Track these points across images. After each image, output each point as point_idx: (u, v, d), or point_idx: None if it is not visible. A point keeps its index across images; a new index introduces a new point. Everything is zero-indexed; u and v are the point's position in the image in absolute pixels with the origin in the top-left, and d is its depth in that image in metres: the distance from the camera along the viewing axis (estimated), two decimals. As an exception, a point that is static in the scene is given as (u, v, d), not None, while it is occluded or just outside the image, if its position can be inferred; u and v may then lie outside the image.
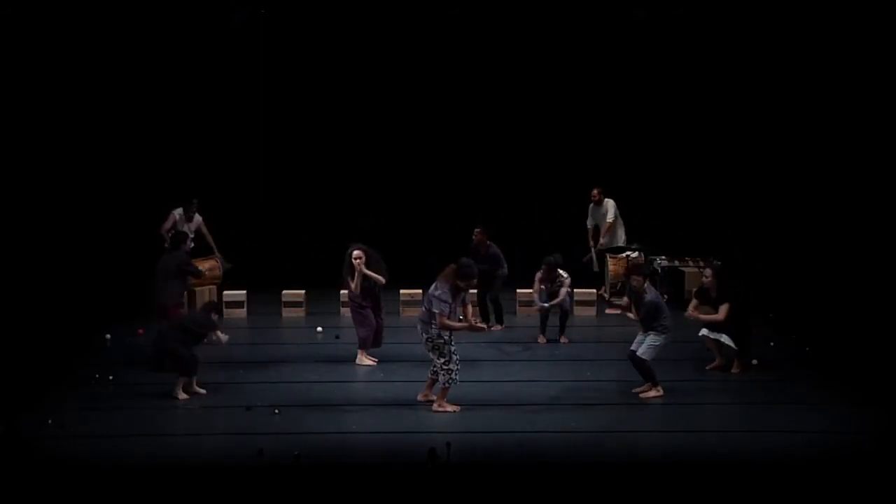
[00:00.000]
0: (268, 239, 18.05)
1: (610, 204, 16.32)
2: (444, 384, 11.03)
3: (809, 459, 9.73)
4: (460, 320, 11.09)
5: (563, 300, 13.99)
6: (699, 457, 9.92)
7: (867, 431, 10.46)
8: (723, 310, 12.32)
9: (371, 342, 12.99)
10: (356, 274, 12.70)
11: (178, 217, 15.23)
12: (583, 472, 9.51)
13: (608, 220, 16.29)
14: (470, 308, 11.32)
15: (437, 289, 10.89)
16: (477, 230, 14.52)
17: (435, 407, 11.07)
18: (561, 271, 14.00)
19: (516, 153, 18.33)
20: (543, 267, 13.95)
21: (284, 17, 17.63)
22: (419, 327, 11.05)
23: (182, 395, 11.48)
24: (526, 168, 18.23)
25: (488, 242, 14.45)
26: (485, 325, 11.26)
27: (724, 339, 12.44)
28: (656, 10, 17.48)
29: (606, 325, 15.30)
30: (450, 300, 10.87)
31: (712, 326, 12.47)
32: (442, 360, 10.95)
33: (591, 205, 16.49)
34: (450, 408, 11.06)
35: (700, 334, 12.61)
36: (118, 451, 9.92)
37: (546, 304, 13.95)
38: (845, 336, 14.05)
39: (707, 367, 12.63)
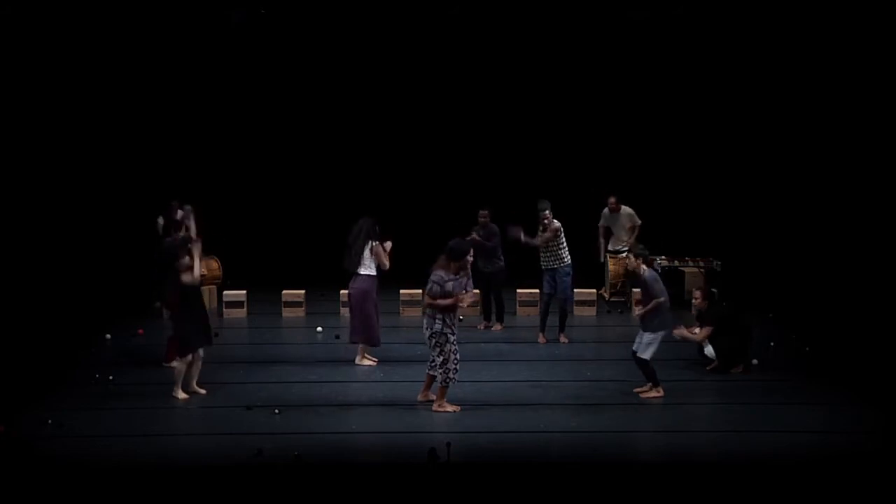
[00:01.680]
0: (268, 239, 18.05)
1: (630, 212, 16.21)
2: (442, 382, 11.02)
3: (809, 459, 9.73)
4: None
5: (562, 282, 13.86)
6: (699, 457, 9.93)
7: (867, 431, 10.46)
8: (703, 332, 12.48)
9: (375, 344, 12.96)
10: (384, 245, 12.63)
11: (162, 224, 15.18)
12: (583, 472, 9.51)
13: (638, 223, 16.19)
14: (467, 295, 11.11)
15: (431, 275, 10.89)
16: (484, 212, 14.38)
17: (435, 407, 11.07)
18: (554, 220, 13.82)
19: (517, 155, 18.35)
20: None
21: (284, 17, 17.64)
22: (425, 322, 11.04)
23: (181, 395, 11.48)
24: (527, 170, 18.24)
25: (491, 224, 14.38)
26: (466, 299, 11.08)
27: (708, 350, 12.56)
28: (656, 10, 17.48)
29: (606, 325, 15.30)
30: (442, 283, 10.81)
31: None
32: (441, 359, 10.94)
33: (606, 210, 16.38)
34: (450, 408, 11.05)
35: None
36: (118, 451, 9.92)
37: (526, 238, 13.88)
38: (845, 336, 14.05)
39: (706, 368, 12.64)
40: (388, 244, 12.74)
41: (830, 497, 8.99)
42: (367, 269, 12.66)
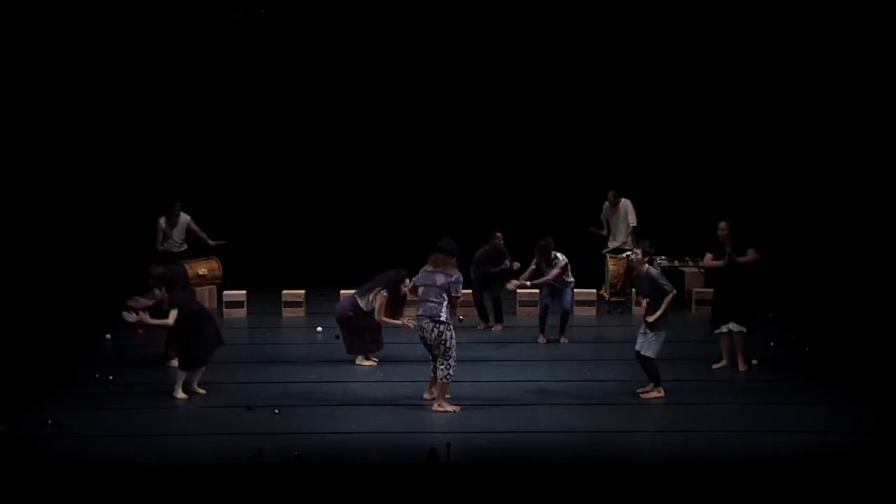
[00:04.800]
0: (268, 239, 18.04)
1: (629, 206, 16.27)
2: (443, 378, 11.02)
3: (809, 459, 9.73)
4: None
5: (563, 294, 13.92)
6: (699, 457, 9.92)
7: (867, 431, 10.46)
8: (750, 253, 12.27)
9: (377, 346, 12.99)
10: (397, 300, 12.63)
11: (163, 225, 15.16)
12: (583, 472, 9.51)
13: (632, 224, 16.25)
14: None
15: (453, 275, 10.98)
16: (498, 234, 14.47)
17: (435, 407, 11.07)
18: (557, 254, 13.89)
19: (517, 155, 18.33)
20: (537, 252, 13.85)
21: (284, 17, 17.63)
22: (426, 324, 10.96)
23: (181, 395, 11.48)
24: (526, 169, 18.22)
25: (503, 248, 14.50)
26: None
27: (733, 326, 12.39)
28: (656, 10, 17.47)
29: (606, 325, 15.30)
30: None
31: (720, 316, 12.42)
32: (445, 351, 10.94)
33: (606, 204, 16.44)
34: (450, 407, 11.06)
35: (715, 332, 12.57)
36: (118, 451, 9.92)
37: (531, 282, 13.97)
38: (845, 336, 14.05)
39: (713, 367, 12.62)
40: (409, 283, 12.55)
41: (830, 497, 8.99)
42: (362, 298, 12.72)
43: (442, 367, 11.00)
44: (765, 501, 8.97)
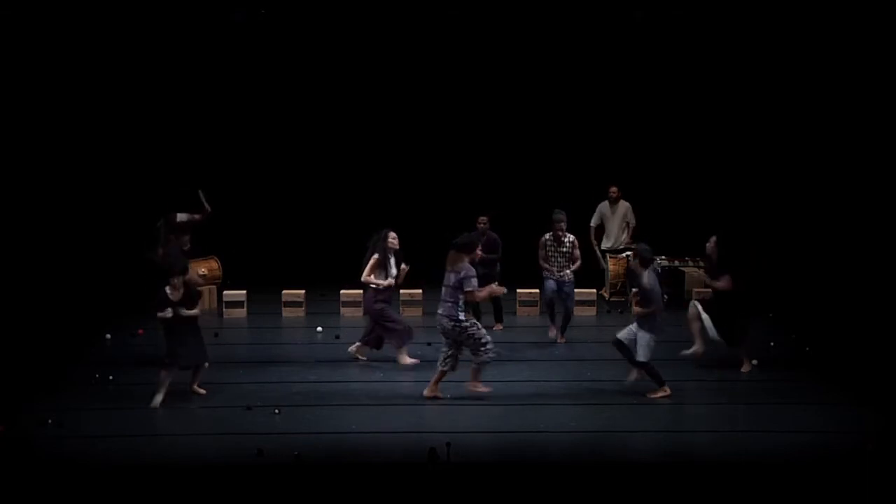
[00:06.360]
0: (268, 239, 18.04)
1: (627, 206, 16.30)
2: (480, 364, 11.31)
3: (809, 459, 9.73)
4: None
5: (568, 294, 13.91)
6: (699, 457, 9.93)
7: (867, 431, 10.46)
8: (725, 280, 12.41)
9: (409, 339, 12.93)
10: (395, 261, 12.65)
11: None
12: (583, 472, 9.51)
13: (633, 224, 16.29)
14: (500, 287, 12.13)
15: (462, 272, 11.11)
16: (483, 218, 14.43)
17: (469, 387, 11.33)
18: (568, 233, 13.90)
19: (518, 155, 18.33)
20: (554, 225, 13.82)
21: (284, 16, 17.63)
22: (446, 323, 11.11)
23: (158, 401, 11.29)
24: (527, 170, 18.22)
25: (490, 232, 14.44)
26: (504, 288, 12.23)
27: (706, 320, 12.45)
28: (655, 10, 17.48)
29: (606, 325, 15.28)
30: (475, 275, 11.28)
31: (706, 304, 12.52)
32: (475, 341, 11.14)
33: (606, 201, 16.41)
34: (482, 388, 11.35)
35: (689, 313, 12.61)
36: (118, 451, 9.93)
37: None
38: (845, 336, 14.05)
39: (684, 353, 12.57)
40: (405, 268, 12.73)
41: (830, 497, 8.99)
42: (369, 275, 12.69)
43: (480, 349, 11.21)
44: (765, 501, 8.97)
